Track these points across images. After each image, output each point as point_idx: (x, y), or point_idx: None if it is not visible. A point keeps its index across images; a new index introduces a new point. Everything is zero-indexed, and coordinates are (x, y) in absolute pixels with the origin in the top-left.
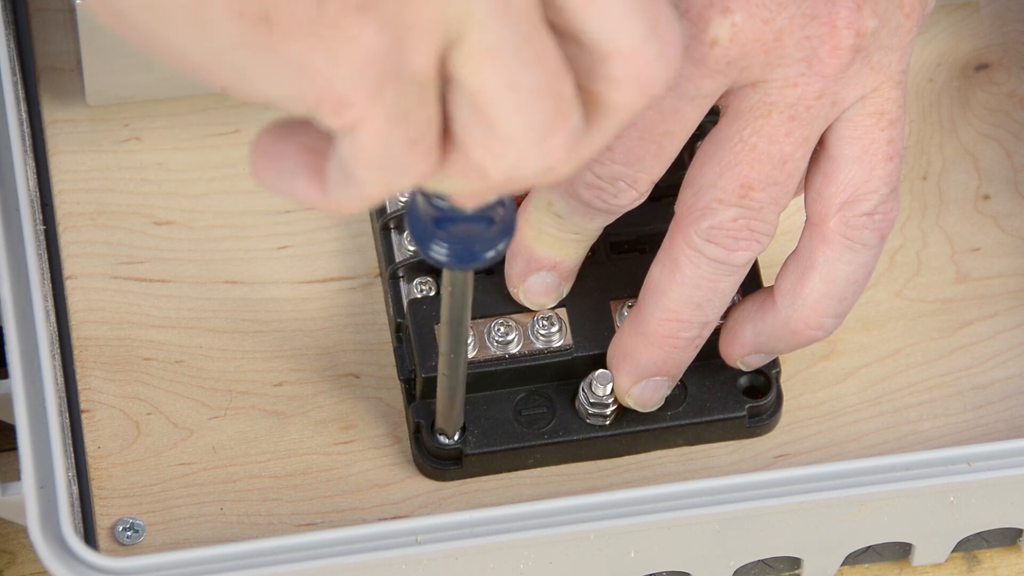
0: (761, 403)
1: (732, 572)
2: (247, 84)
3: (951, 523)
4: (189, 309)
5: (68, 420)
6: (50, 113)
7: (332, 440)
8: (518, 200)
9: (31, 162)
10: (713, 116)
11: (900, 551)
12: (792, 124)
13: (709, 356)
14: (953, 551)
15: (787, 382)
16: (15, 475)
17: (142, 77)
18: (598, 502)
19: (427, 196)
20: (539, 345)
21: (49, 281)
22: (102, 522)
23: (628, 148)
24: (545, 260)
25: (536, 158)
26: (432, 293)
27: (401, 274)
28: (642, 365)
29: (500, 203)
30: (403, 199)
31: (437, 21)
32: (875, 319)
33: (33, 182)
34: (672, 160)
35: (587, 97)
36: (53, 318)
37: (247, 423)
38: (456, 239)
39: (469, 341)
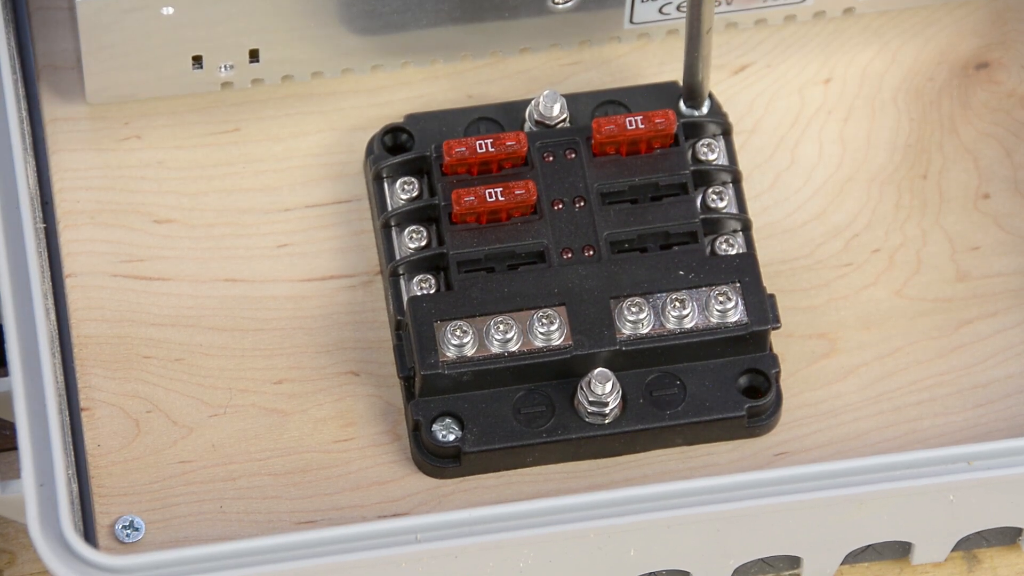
0: (760, 403)
1: (732, 571)
2: None
3: (951, 522)
4: (189, 307)
5: (68, 418)
6: (50, 111)
7: (332, 438)
8: None
9: (31, 160)
10: (717, 119)
11: (900, 550)
12: None
13: (708, 356)
14: (953, 550)
15: (786, 380)
16: (15, 473)
17: (142, 75)
18: (598, 500)
19: None
20: (539, 344)
21: (49, 279)
22: (102, 520)
23: None
24: None
25: None
26: (432, 291)
27: (402, 272)
28: None
29: None
30: (404, 197)
31: None
32: (875, 318)
33: (33, 180)
34: None
35: None
36: (53, 316)
37: (247, 421)
38: None
39: (469, 339)
